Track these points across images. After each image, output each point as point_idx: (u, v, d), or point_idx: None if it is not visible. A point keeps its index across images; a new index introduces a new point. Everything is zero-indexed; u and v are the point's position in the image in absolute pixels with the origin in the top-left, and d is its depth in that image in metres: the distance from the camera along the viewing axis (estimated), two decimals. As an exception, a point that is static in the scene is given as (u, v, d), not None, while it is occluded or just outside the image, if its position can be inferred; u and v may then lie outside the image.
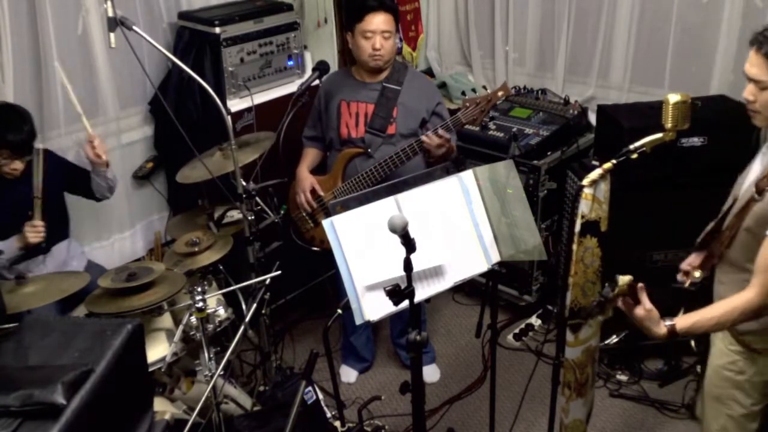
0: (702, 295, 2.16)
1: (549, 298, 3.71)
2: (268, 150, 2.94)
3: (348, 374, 3.49)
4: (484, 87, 4.17)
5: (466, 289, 3.97)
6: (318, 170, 3.23)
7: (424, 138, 2.83)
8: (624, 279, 1.80)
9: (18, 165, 2.74)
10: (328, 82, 3.18)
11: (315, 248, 3.17)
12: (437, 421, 3.18)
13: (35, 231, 2.77)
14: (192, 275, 2.83)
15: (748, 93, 1.94)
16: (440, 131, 2.81)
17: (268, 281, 2.66)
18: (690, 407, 3.10)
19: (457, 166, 3.07)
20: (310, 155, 3.22)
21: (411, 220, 1.84)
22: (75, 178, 3.03)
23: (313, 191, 3.11)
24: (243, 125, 3.43)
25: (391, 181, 2.84)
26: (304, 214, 3.18)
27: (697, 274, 2.14)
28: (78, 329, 1.78)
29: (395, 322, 3.37)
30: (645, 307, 1.87)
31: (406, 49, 4.29)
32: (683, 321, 1.92)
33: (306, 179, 3.13)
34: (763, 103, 1.90)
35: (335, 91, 3.11)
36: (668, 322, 1.90)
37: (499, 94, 2.77)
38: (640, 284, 1.85)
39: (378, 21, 2.90)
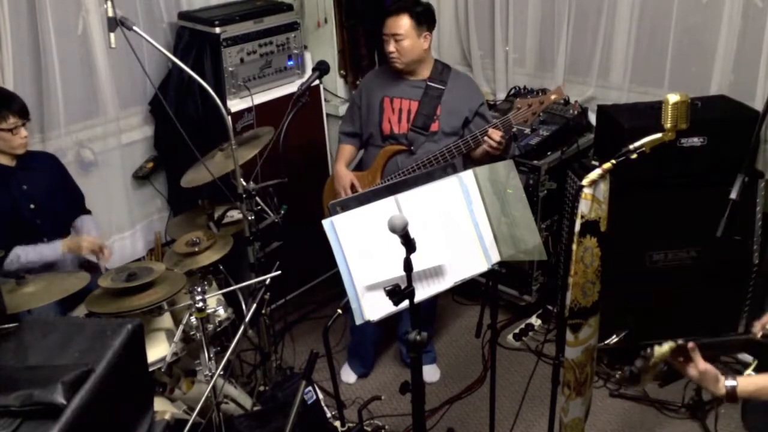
0: None
1: (549, 298, 3.71)
2: (268, 149, 2.94)
3: (348, 375, 3.49)
4: (542, 90, 4.02)
5: (466, 289, 3.94)
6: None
7: (490, 131, 2.82)
8: (662, 350, 1.66)
9: (24, 133, 2.79)
10: (369, 79, 3.25)
11: None
12: (437, 421, 3.17)
13: (91, 246, 2.85)
14: (192, 275, 2.83)
15: None
16: (493, 130, 2.82)
17: (268, 281, 2.66)
18: (690, 407, 3.10)
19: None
20: (347, 152, 3.25)
21: (411, 220, 1.84)
22: (70, 193, 3.07)
23: (353, 187, 3.12)
24: (243, 125, 3.43)
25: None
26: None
27: None
28: (78, 329, 1.78)
29: (406, 317, 3.35)
30: (698, 368, 1.72)
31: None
32: (747, 384, 1.71)
33: (345, 176, 3.14)
34: None
35: (377, 87, 3.15)
36: (729, 383, 1.71)
37: (552, 97, 2.75)
38: (691, 344, 1.70)
39: (389, 24, 2.98)
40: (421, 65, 3.08)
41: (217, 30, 3.32)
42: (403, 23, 2.96)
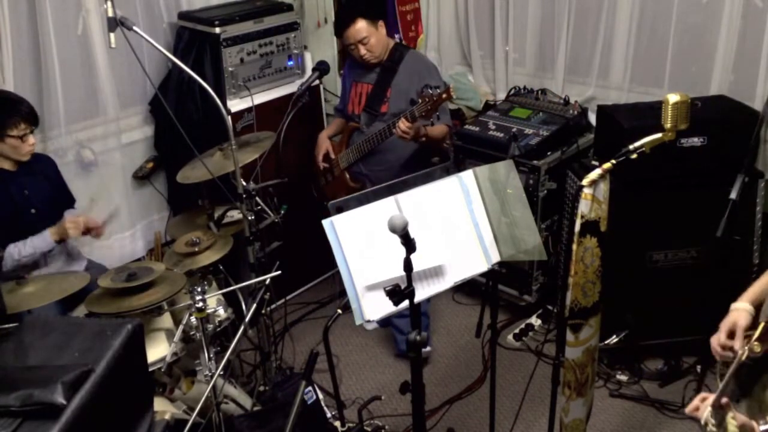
0: None
1: (549, 298, 3.71)
2: (268, 150, 2.95)
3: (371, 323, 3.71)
4: (437, 87, 4.09)
5: (466, 289, 3.97)
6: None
7: (400, 120, 2.96)
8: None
9: (32, 140, 2.80)
10: (347, 65, 3.52)
11: (325, 203, 3.27)
12: (437, 421, 3.17)
13: (75, 225, 2.86)
14: (192, 275, 2.83)
15: None
16: (402, 120, 2.96)
17: (268, 281, 2.67)
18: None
19: (457, 166, 3.10)
20: (335, 124, 3.63)
21: (411, 220, 1.84)
22: (66, 197, 3.08)
23: (326, 155, 3.52)
24: (243, 125, 3.43)
25: (376, 154, 3.25)
26: (321, 172, 3.60)
27: (757, 348, 1.76)
28: (78, 329, 1.78)
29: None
30: (737, 422, 1.64)
31: (407, 49, 4.29)
32: None
33: (322, 144, 3.55)
34: None
35: (350, 74, 3.47)
36: (763, 426, 1.67)
37: (444, 96, 2.88)
38: (725, 400, 1.63)
39: (350, 35, 3.18)
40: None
41: (217, 30, 3.32)
42: (361, 27, 3.16)
